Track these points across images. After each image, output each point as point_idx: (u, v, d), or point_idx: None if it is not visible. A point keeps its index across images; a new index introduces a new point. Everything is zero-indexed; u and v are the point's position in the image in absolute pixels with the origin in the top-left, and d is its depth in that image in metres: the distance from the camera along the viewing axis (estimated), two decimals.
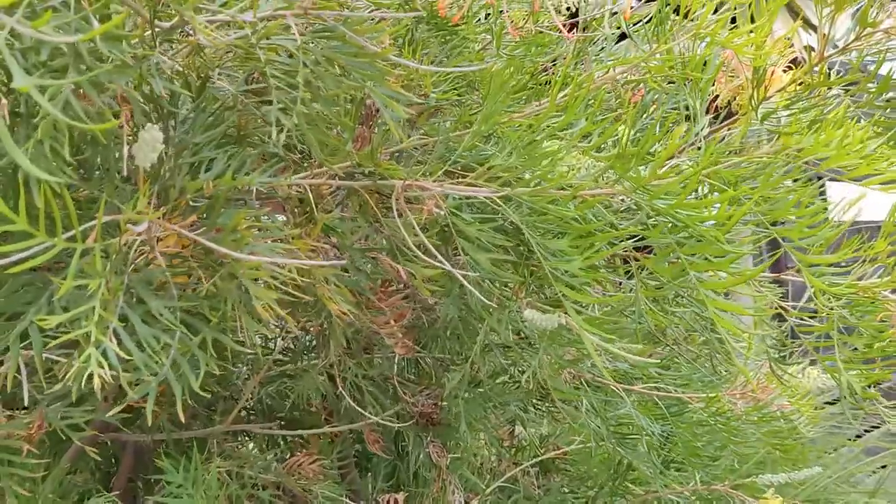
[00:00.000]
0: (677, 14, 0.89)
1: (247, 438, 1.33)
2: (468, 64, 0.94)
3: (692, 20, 0.87)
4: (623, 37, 1.20)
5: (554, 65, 1.21)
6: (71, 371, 0.61)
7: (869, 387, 0.90)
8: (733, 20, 1.06)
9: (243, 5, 0.69)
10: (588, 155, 0.85)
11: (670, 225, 0.81)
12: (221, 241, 0.70)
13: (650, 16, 0.97)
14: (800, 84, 0.90)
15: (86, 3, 0.61)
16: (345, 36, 0.68)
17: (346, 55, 0.68)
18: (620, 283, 1.13)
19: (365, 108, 0.84)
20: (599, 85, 0.93)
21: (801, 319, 1.03)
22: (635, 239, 0.87)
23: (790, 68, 0.99)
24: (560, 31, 0.89)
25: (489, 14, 1.09)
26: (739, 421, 1.25)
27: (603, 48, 1.00)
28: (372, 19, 0.68)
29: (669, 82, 0.94)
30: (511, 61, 0.97)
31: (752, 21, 0.98)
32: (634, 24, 0.97)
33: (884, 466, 2.59)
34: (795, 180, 0.84)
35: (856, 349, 0.92)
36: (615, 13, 1.00)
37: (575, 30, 1.19)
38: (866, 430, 2.86)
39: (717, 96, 1.07)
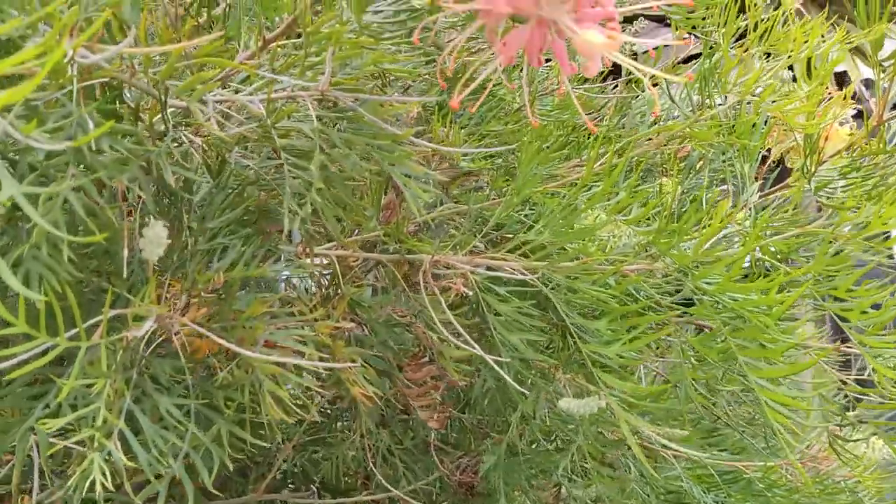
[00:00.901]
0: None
1: None
2: (502, 128, 0.90)
3: (737, 84, 0.81)
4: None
5: (594, 117, 1.16)
6: (73, 478, 0.58)
7: None
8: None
9: (257, 86, 0.66)
10: (628, 226, 0.80)
11: (717, 303, 0.75)
12: (236, 329, 0.67)
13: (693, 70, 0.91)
14: (856, 148, 0.84)
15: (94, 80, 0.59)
16: (364, 118, 0.64)
17: (366, 136, 0.65)
18: (663, 356, 1.06)
19: (390, 183, 0.80)
20: (640, 153, 0.88)
21: (864, 395, 0.96)
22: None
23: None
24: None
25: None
26: (799, 494, 1.17)
27: (643, 109, 0.94)
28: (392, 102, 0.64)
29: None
30: (543, 131, 0.92)
31: (808, 69, 0.92)
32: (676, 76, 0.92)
33: None
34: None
35: None
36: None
37: (615, 82, 1.14)
38: None
39: (769, 150, 1.01)
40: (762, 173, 0.94)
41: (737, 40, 1.15)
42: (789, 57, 0.80)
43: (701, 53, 1.00)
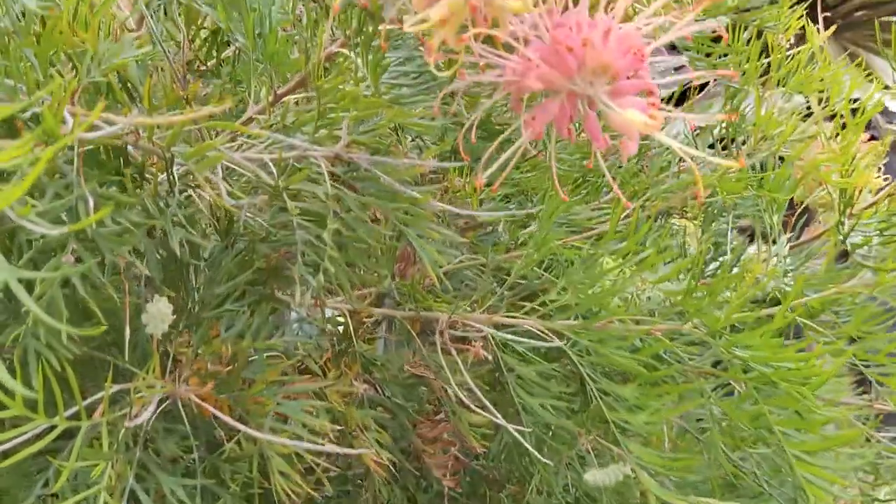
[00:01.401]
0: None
1: None
2: (519, 176, 0.87)
3: (769, 138, 0.78)
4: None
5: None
6: None
7: None
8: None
9: (268, 145, 0.63)
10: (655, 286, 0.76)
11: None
12: (245, 400, 0.63)
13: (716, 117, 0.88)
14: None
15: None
16: (379, 179, 0.61)
17: (382, 199, 0.62)
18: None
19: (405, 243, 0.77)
20: (664, 207, 0.84)
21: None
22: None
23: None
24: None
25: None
26: None
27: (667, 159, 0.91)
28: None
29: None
30: (564, 180, 0.89)
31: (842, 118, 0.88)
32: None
33: None
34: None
35: None
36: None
37: None
38: None
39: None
40: (791, 222, 0.91)
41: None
42: (824, 105, 0.77)
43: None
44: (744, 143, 0.96)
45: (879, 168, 0.94)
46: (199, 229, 0.64)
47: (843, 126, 0.82)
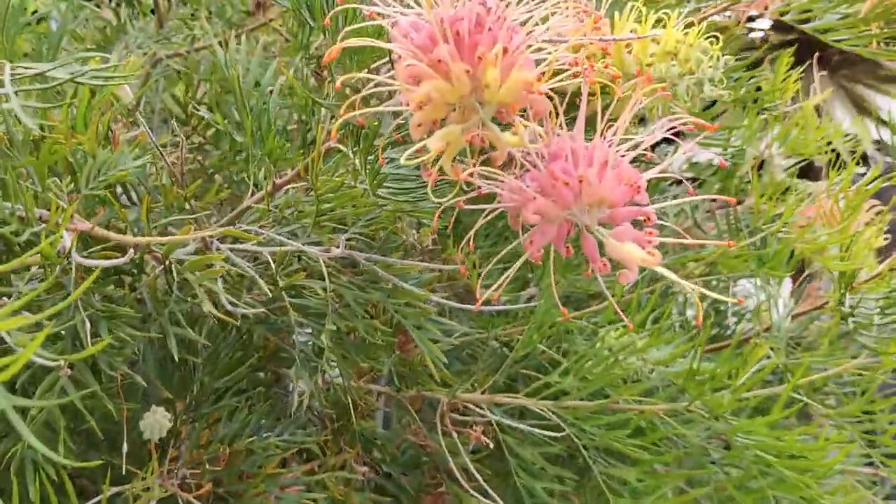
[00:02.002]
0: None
1: None
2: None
3: (769, 222, 0.78)
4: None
5: None
6: None
7: None
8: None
9: (264, 238, 0.63)
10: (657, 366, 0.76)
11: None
12: (243, 499, 0.63)
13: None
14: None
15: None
16: (377, 274, 0.61)
17: (380, 292, 0.61)
18: None
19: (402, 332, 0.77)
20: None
21: None
22: None
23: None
24: None
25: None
26: None
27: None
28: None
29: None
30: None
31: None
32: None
33: None
34: None
35: None
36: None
37: None
38: None
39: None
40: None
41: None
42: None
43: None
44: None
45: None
46: (197, 321, 0.64)
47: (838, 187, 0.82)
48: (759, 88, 1.14)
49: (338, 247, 0.60)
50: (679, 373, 0.73)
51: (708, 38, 0.62)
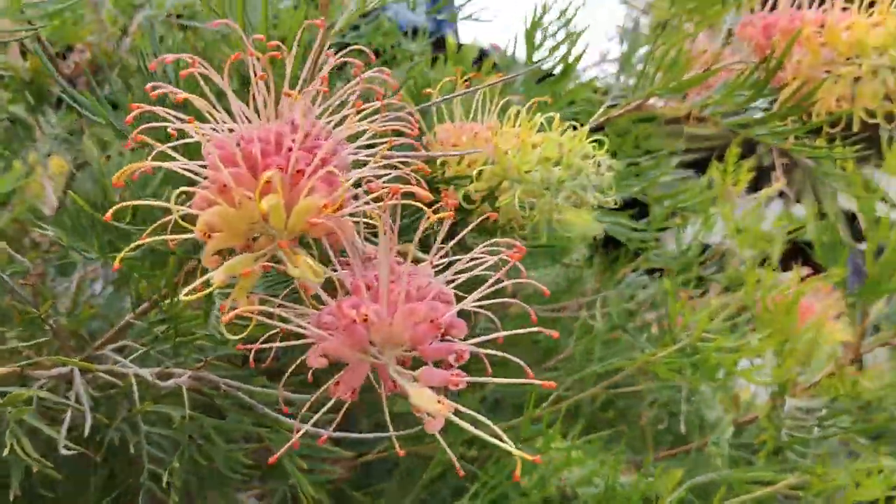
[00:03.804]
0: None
1: None
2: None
3: (688, 331, 0.72)
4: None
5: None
6: None
7: None
8: None
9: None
10: None
11: None
12: None
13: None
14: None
15: None
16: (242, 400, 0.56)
17: (244, 422, 0.56)
18: None
19: None
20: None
21: None
22: None
23: None
24: None
25: None
26: None
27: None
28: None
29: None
30: None
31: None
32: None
33: None
34: None
35: None
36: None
37: None
38: None
39: None
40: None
41: None
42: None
43: None
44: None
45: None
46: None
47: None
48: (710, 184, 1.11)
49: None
50: (597, 495, 0.67)
51: (592, 141, 0.58)
